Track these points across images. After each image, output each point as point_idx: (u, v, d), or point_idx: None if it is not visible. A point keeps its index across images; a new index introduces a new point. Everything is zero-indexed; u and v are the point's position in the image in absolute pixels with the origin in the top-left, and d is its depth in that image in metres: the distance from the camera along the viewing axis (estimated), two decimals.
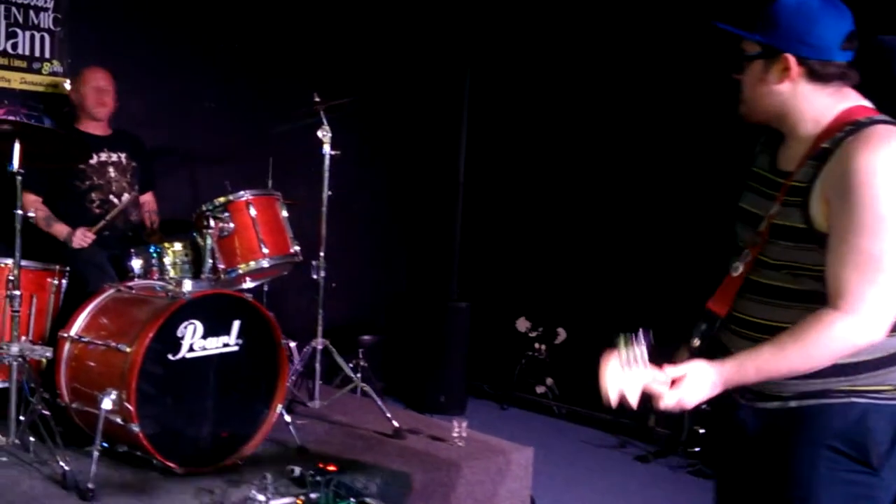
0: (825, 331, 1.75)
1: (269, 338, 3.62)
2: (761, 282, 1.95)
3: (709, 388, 1.82)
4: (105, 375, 3.33)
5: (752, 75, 1.94)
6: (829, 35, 1.82)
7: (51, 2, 4.73)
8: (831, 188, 1.78)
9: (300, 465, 3.36)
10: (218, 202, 3.84)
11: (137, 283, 3.80)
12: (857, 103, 1.88)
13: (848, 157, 1.76)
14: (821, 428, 1.86)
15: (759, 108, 1.97)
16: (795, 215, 1.85)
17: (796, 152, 1.93)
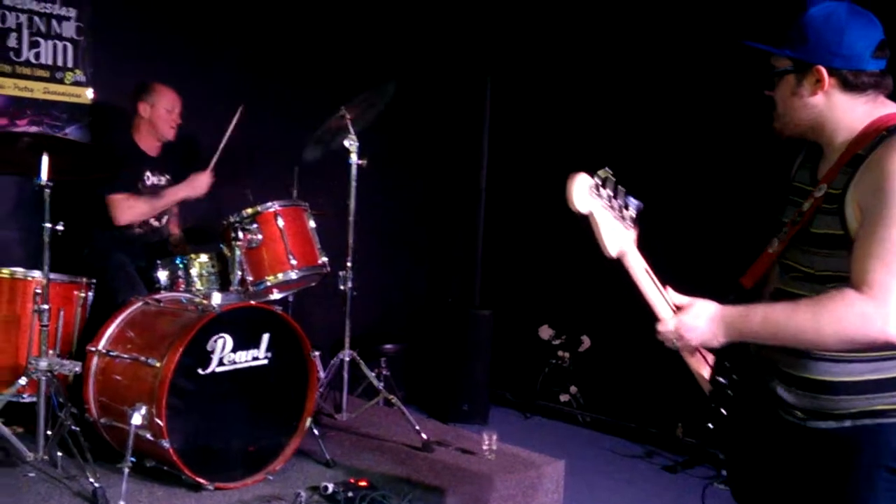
0: (843, 306, 1.73)
1: (298, 350, 3.58)
2: (787, 290, 1.94)
3: (711, 325, 1.86)
4: (134, 390, 3.29)
5: (785, 90, 1.93)
6: (860, 45, 1.82)
7: (73, 11, 4.70)
8: (864, 192, 1.78)
9: (330, 481, 3.32)
10: (246, 213, 3.79)
11: (165, 295, 3.75)
12: (892, 111, 1.87)
13: (880, 159, 1.76)
14: (879, 448, 1.82)
15: (793, 121, 1.95)
16: (834, 222, 1.83)
17: (832, 162, 1.91)
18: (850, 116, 1.88)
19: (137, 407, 3.17)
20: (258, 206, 3.81)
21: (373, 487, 3.26)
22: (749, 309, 1.84)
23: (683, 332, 1.86)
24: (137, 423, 3.15)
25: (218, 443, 3.37)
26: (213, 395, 3.34)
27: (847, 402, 1.85)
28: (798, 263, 1.93)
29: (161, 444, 3.17)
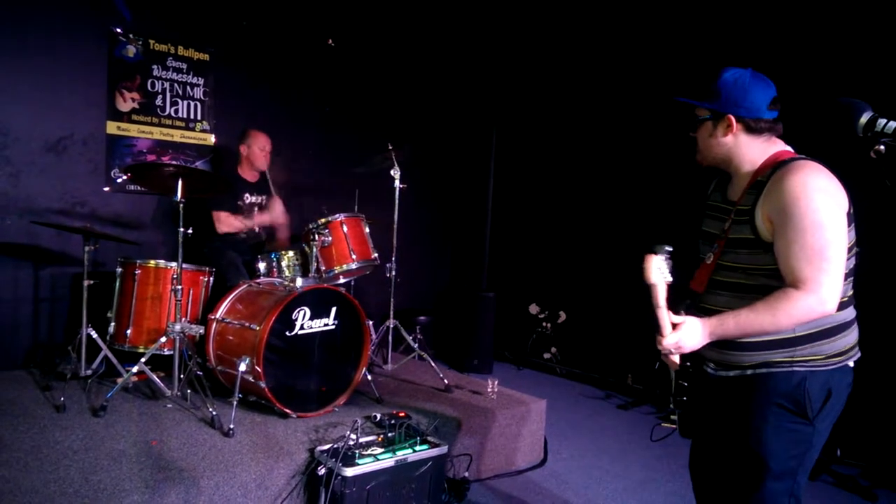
0: (790, 303, 1.72)
1: (357, 319, 3.56)
2: (724, 280, 1.91)
3: (700, 336, 1.81)
4: (241, 346, 3.29)
5: (704, 132, 1.93)
6: (759, 100, 1.83)
7: (201, 80, 4.72)
8: (771, 209, 1.76)
9: (379, 412, 3.29)
10: (320, 222, 3.78)
11: (263, 280, 3.75)
12: (783, 148, 1.88)
13: (779, 182, 1.76)
14: (770, 390, 1.83)
15: (710, 155, 1.95)
16: (746, 229, 1.83)
17: (739, 186, 1.91)
18: (752, 152, 1.87)
19: (243, 358, 3.18)
20: (329, 217, 3.80)
21: (409, 417, 3.23)
22: (722, 318, 1.80)
23: (681, 344, 1.80)
24: (243, 370, 3.16)
25: (300, 384, 3.36)
26: (296, 350, 3.33)
27: (749, 356, 1.85)
28: (725, 261, 1.90)
29: (259, 385, 3.17)
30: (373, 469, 2.75)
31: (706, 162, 1.97)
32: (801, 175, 1.72)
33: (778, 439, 1.82)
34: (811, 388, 1.80)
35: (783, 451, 1.83)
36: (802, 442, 1.83)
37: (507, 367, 5.93)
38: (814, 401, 1.80)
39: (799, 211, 1.69)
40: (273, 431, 3.12)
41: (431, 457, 2.96)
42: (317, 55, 5.12)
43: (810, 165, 1.75)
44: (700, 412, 2.00)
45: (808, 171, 1.73)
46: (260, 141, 4.29)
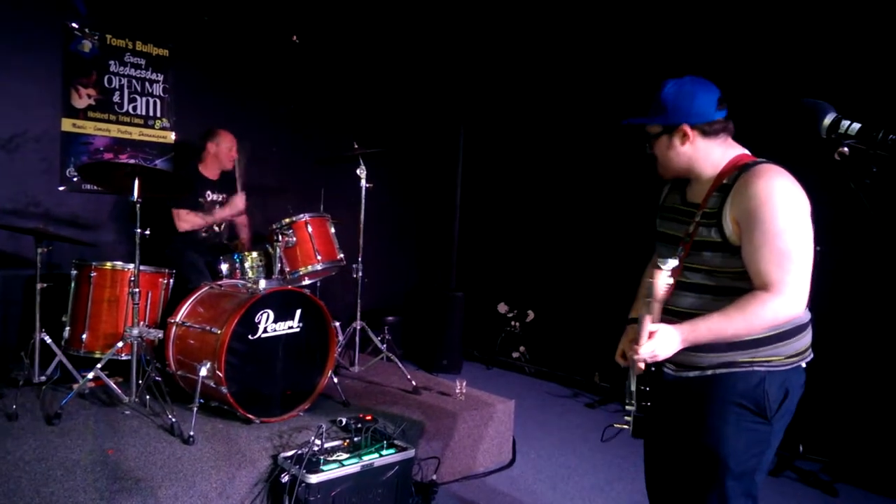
0: (761, 306, 1.71)
1: (322, 321, 3.49)
2: (689, 282, 1.88)
3: (675, 343, 1.77)
4: (202, 350, 3.19)
5: (662, 146, 1.91)
6: (706, 103, 1.83)
7: (161, 76, 4.60)
8: (739, 213, 1.76)
9: (345, 416, 3.23)
10: (284, 222, 3.70)
11: (225, 281, 3.66)
12: (742, 152, 1.89)
13: (745, 186, 1.75)
14: (729, 390, 1.83)
15: (672, 167, 1.93)
16: (713, 232, 1.81)
17: (701, 189, 1.90)
18: (713, 155, 1.87)
19: (204, 363, 3.10)
20: (293, 217, 3.71)
21: (376, 420, 3.18)
22: (694, 324, 1.78)
23: (657, 353, 1.76)
24: (204, 375, 3.08)
25: (263, 388, 3.27)
26: (259, 354, 3.25)
27: (713, 357, 1.84)
28: (691, 263, 1.88)
29: (221, 390, 3.08)
30: (338, 475, 2.69)
31: (669, 174, 1.97)
32: (767, 179, 1.73)
33: (738, 439, 1.83)
34: (770, 388, 1.81)
35: (743, 451, 1.83)
36: (761, 441, 1.84)
37: (476, 366, 5.90)
38: (772, 401, 1.81)
39: (766, 215, 1.70)
40: (235, 438, 3.03)
41: (398, 461, 2.92)
42: (281, 52, 5.01)
43: (774, 169, 1.75)
44: (656, 413, 1.99)
45: (773, 175, 1.73)
46: (228, 141, 4.20)
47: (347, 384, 3.96)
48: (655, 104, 1.88)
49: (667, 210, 2.04)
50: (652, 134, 1.92)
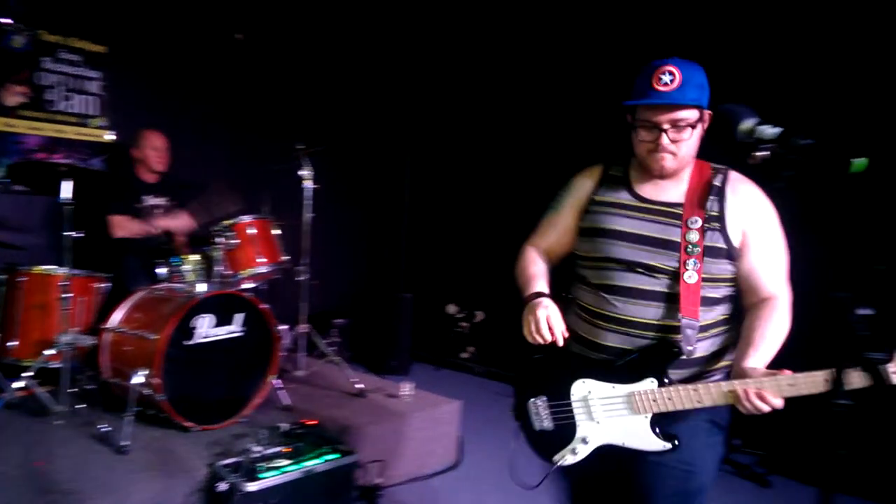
0: (787, 313, 1.69)
1: (265, 326, 3.42)
2: (665, 292, 1.71)
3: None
4: (137, 357, 3.08)
5: (694, 135, 1.68)
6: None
7: (97, 73, 4.44)
8: (748, 219, 1.69)
9: (288, 422, 3.16)
10: (225, 224, 3.60)
11: (163, 286, 3.53)
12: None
13: (749, 193, 1.71)
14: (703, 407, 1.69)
15: (687, 160, 1.72)
16: (720, 239, 1.69)
17: (675, 188, 1.75)
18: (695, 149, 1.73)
19: (139, 370, 2.99)
20: (235, 219, 3.62)
21: (319, 425, 3.13)
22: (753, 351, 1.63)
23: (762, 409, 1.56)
24: (139, 382, 2.97)
25: (203, 395, 3.18)
26: (197, 359, 3.16)
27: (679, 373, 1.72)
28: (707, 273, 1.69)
29: (157, 398, 2.99)
30: (277, 482, 2.64)
31: (681, 169, 1.73)
32: (757, 187, 1.71)
33: (707, 454, 1.77)
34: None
35: (712, 466, 1.78)
36: (721, 455, 1.80)
37: (425, 367, 5.88)
38: (728, 414, 1.77)
39: (776, 224, 1.69)
40: (172, 447, 2.94)
41: (341, 465, 2.88)
42: (225, 50, 4.90)
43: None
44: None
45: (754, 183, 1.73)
46: (153, 141, 4.06)
47: (292, 388, 3.87)
48: (695, 83, 1.64)
49: (623, 207, 1.79)
50: (691, 122, 1.65)
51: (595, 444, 1.75)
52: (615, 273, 1.75)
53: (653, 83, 1.66)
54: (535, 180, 5.40)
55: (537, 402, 1.82)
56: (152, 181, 4.13)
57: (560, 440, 1.77)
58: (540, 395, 1.82)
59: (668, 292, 1.70)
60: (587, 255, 1.84)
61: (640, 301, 1.72)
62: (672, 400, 1.64)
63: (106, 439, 2.91)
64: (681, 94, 1.63)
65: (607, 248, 1.76)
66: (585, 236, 1.85)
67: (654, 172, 1.75)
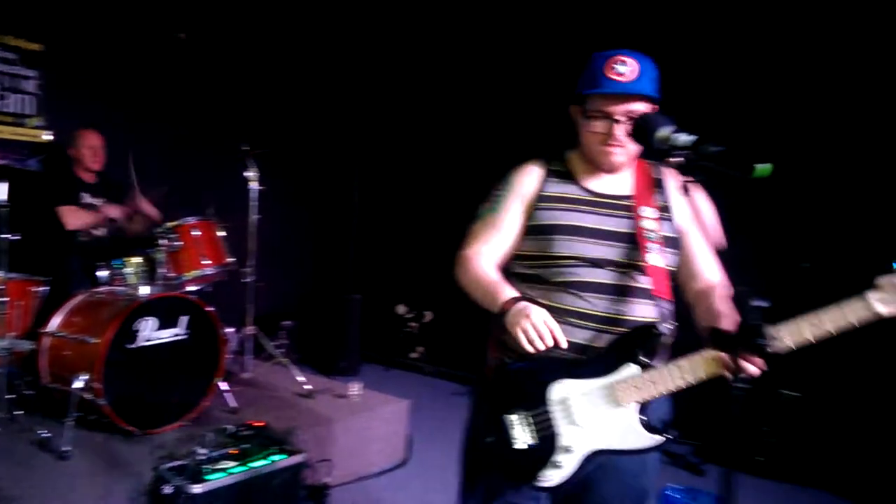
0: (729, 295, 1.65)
1: (211, 328, 3.42)
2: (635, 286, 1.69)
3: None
4: (77, 362, 3.04)
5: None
6: None
7: (34, 72, 4.34)
8: (685, 209, 1.70)
9: (235, 424, 3.16)
10: (168, 226, 3.57)
11: (104, 289, 3.49)
12: None
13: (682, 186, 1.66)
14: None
15: (634, 154, 1.70)
16: (669, 228, 1.71)
17: (620, 180, 1.74)
18: None
19: (80, 375, 2.95)
20: (178, 221, 3.59)
21: (266, 426, 3.14)
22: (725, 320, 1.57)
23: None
24: (79, 387, 2.93)
25: (146, 399, 3.15)
26: (141, 363, 3.13)
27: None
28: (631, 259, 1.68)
29: (98, 402, 2.96)
30: (224, 483, 2.64)
31: (627, 163, 1.71)
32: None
33: (655, 471, 1.76)
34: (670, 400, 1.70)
35: (656, 478, 1.77)
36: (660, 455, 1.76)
37: (375, 368, 5.91)
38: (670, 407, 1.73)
39: (709, 211, 1.66)
40: (115, 451, 2.92)
41: (288, 466, 2.89)
42: (165, 49, 4.84)
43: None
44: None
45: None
46: (88, 139, 3.99)
47: (239, 391, 3.86)
48: (650, 76, 1.62)
49: (575, 202, 1.73)
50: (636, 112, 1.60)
51: (581, 452, 1.60)
52: (581, 269, 1.67)
53: (606, 73, 1.63)
54: (481, 181, 5.52)
55: (511, 416, 1.62)
56: (90, 181, 4.06)
57: (541, 456, 1.60)
58: (513, 409, 1.63)
59: (636, 286, 1.67)
60: (541, 254, 1.72)
61: (612, 296, 1.67)
62: (656, 383, 1.55)
63: (46, 445, 2.87)
64: (639, 84, 1.61)
65: (567, 245, 1.68)
66: (538, 234, 1.73)
67: (604, 167, 1.72)
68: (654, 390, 1.56)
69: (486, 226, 1.82)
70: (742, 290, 1.11)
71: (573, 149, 1.80)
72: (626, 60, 1.63)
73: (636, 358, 1.59)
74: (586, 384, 1.61)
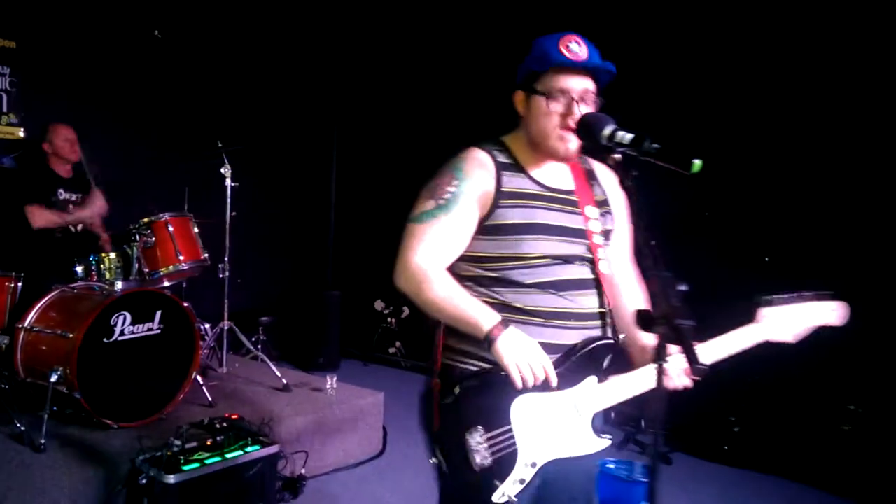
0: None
1: (186, 322, 3.47)
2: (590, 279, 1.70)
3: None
4: (53, 356, 3.09)
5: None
6: None
7: (6, 69, 4.37)
8: (618, 199, 1.74)
9: (211, 416, 3.23)
10: (143, 222, 3.62)
11: (80, 284, 3.54)
12: None
13: (610, 176, 1.76)
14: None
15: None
16: (610, 221, 1.74)
17: (562, 173, 1.72)
18: None
19: (56, 369, 3.01)
20: (153, 217, 3.64)
21: (241, 419, 3.21)
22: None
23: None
24: (55, 381, 2.99)
25: (122, 392, 3.21)
26: (116, 357, 3.18)
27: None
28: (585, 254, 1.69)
29: (74, 396, 3.01)
30: (199, 474, 2.72)
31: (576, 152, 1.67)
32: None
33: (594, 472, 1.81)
34: None
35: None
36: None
37: (354, 363, 5.99)
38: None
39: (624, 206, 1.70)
40: (91, 443, 2.97)
41: (262, 457, 2.97)
42: (141, 46, 4.87)
43: None
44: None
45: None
46: (62, 132, 4.01)
47: (216, 385, 3.94)
48: (598, 56, 1.62)
49: (534, 198, 1.67)
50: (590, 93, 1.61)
51: (542, 464, 1.60)
52: (555, 268, 1.64)
53: (561, 50, 1.60)
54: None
55: (474, 436, 1.57)
56: (66, 175, 4.10)
57: (501, 473, 1.56)
58: (474, 429, 1.57)
59: (596, 279, 1.68)
60: (509, 255, 1.64)
61: (588, 291, 1.67)
62: (612, 394, 1.60)
63: (22, 438, 2.92)
64: (597, 61, 1.60)
65: (538, 244, 1.63)
66: (503, 234, 1.64)
67: (557, 154, 1.66)
68: (610, 401, 1.61)
69: (439, 228, 1.64)
70: (665, 276, 1.21)
71: (508, 135, 1.76)
72: (578, 41, 1.62)
73: (596, 371, 1.62)
74: (547, 398, 1.59)
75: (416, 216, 1.69)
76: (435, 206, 1.66)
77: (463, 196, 1.64)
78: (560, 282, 1.64)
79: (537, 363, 1.52)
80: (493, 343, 1.52)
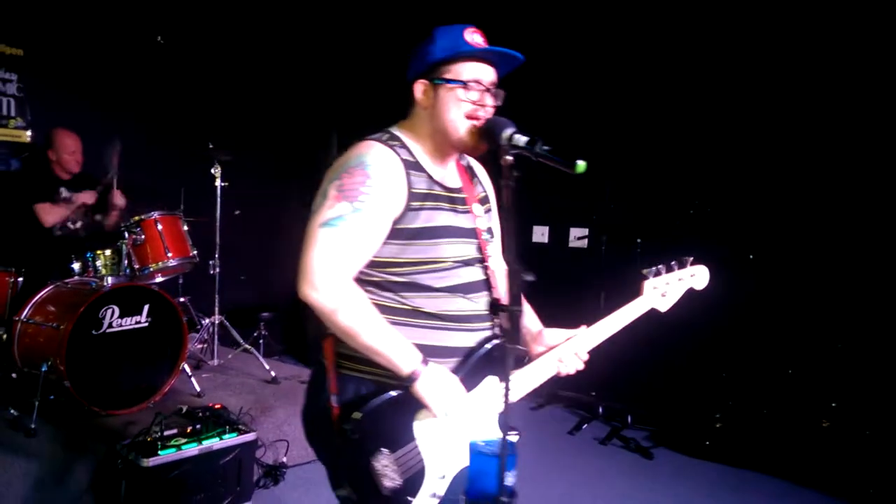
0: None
1: (174, 316, 3.67)
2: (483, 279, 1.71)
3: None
4: (45, 347, 3.34)
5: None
6: None
7: (14, 75, 4.64)
8: (492, 194, 1.80)
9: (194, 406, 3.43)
10: (133, 220, 3.84)
11: (75, 279, 3.78)
12: None
13: (484, 172, 1.82)
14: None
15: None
16: (494, 219, 1.79)
17: (451, 171, 1.72)
18: None
19: (47, 359, 3.24)
20: (142, 215, 3.85)
21: (224, 408, 3.38)
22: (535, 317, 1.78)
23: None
24: (45, 370, 3.22)
25: (111, 382, 3.44)
26: (105, 348, 3.41)
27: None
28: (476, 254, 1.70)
29: (64, 384, 3.24)
30: (174, 458, 2.90)
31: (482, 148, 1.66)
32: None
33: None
34: None
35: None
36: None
37: None
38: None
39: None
40: (78, 429, 3.20)
41: (239, 444, 3.15)
42: (144, 52, 5.10)
43: None
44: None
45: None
46: (68, 145, 4.22)
47: (207, 377, 4.15)
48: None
49: (438, 199, 1.64)
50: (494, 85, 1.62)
51: (453, 473, 1.60)
52: (462, 270, 1.65)
53: (467, 39, 1.59)
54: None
55: (380, 460, 1.52)
56: (68, 178, 4.34)
57: (413, 490, 1.54)
58: (379, 452, 1.52)
59: (487, 280, 1.70)
60: (423, 259, 1.60)
61: (485, 292, 1.69)
62: (513, 390, 1.53)
63: (14, 424, 3.16)
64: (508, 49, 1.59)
65: (449, 248, 1.62)
66: (416, 238, 1.59)
67: (467, 146, 1.64)
68: (513, 397, 1.53)
69: (353, 234, 1.52)
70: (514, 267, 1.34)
71: (397, 127, 1.73)
72: (479, 31, 1.62)
73: (493, 369, 1.63)
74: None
75: (329, 220, 1.54)
76: (350, 209, 1.52)
77: (377, 199, 1.53)
78: (466, 284, 1.64)
79: (458, 398, 1.53)
80: (415, 381, 1.50)
